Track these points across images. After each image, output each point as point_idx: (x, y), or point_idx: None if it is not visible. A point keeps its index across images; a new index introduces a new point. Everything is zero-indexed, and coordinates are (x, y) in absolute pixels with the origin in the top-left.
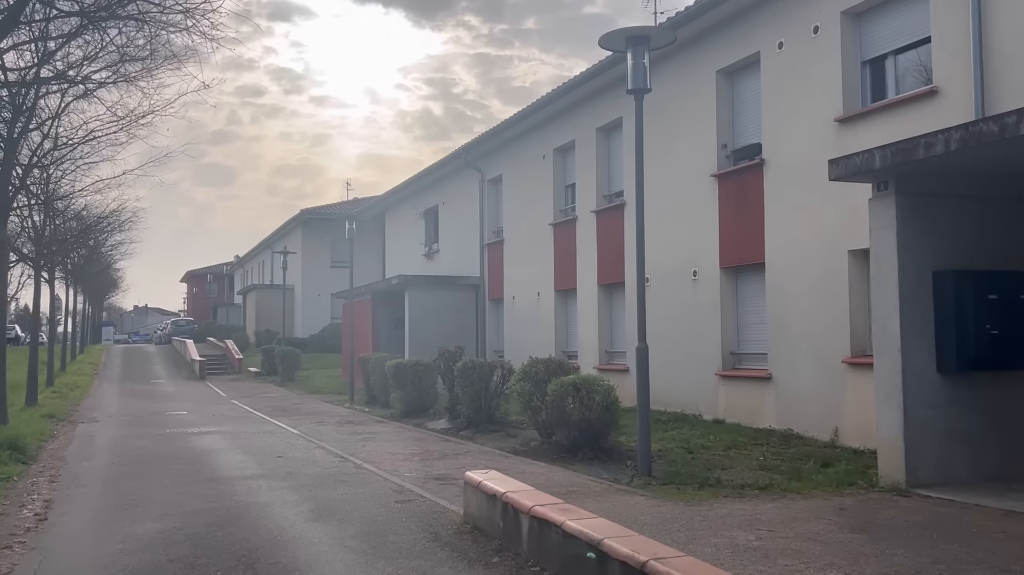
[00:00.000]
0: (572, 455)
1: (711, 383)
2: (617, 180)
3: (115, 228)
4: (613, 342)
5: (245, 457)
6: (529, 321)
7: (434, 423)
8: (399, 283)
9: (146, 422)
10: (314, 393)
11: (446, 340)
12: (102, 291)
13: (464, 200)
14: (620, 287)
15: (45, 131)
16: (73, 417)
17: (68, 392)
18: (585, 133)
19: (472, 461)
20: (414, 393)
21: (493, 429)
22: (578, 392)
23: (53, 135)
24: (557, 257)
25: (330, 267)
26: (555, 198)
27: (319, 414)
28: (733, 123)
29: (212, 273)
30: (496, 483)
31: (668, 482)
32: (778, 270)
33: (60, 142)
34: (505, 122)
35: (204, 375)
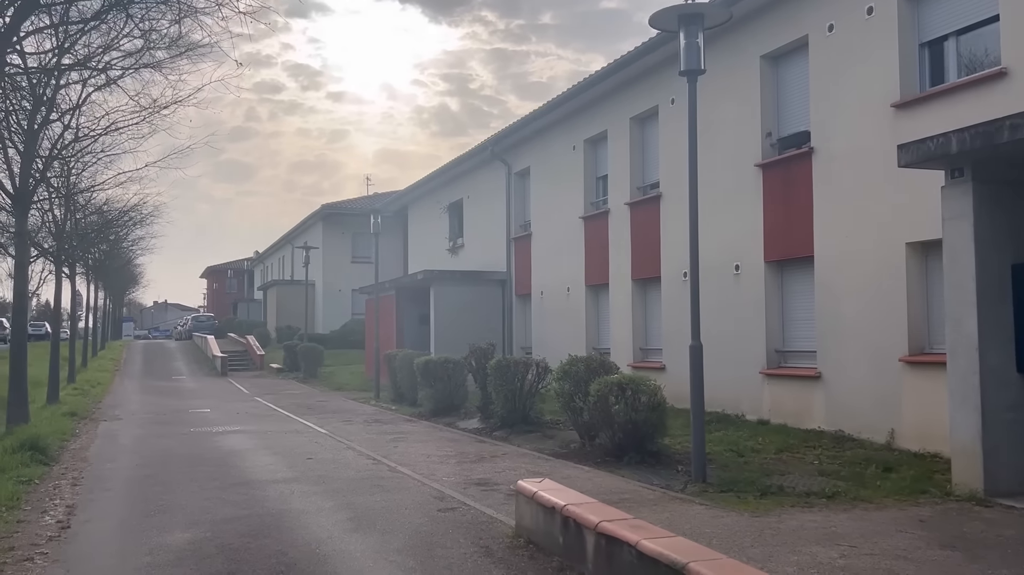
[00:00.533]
0: (617, 459)
1: (755, 382)
2: (652, 171)
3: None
4: (648, 339)
5: (274, 459)
6: (558, 317)
7: (465, 423)
8: (424, 278)
9: (169, 420)
10: (338, 390)
11: (472, 336)
12: (122, 287)
13: (490, 194)
14: (656, 282)
15: (66, 122)
16: (95, 415)
17: (89, 389)
18: (618, 123)
19: (511, 464)
20: (444, 391)
21: (528, 429)
22: (623, 392)
23: (74, 126)
24: (588, 251)
25: (351, 262)
26: (586, 190)
27: (345, 412)
28: (778, 111)
29: (232, 269)
30: (554, 494)
31: (725, 489)
32: (828, 264)
33: (81, 134)
34: (533, 113)
35: (226, 371)
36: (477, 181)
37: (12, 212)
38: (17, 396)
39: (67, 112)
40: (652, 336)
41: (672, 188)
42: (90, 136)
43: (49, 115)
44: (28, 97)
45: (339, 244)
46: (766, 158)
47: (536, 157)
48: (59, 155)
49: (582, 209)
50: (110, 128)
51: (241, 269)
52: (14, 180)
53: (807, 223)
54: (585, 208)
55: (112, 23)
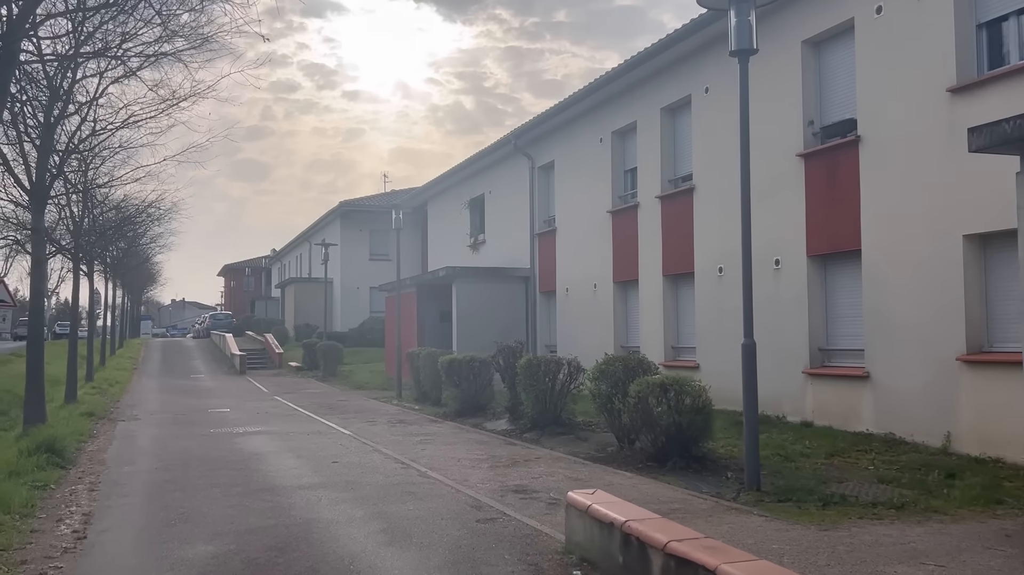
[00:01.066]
0: (660, 464)
1: (797, 382)
2: (684, 163)
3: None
4: (680, 337)
5: (298, 462)
6: (584, 314)
7: (493, 424)
8: (446, 275)
9: (188, 420)
10: (358, 389)
11: (495, 334)
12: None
13: (513, 188)
14: (688, 278)
15: (83, 115)
16: (113, 414)
17: (107, 388)
18: (648, 114)
19: (547, 469)
20: (470, 391)
21: (560, 431)
22: (666, 393)
23: (92, 119)
24: (616, 246)
25: (368, 260)
26: (613, 184)
27: (367, 412)
28: (820, 98)
29: (250, 267)
30: (611, 508)
31: (783, 498)
32: (877, 257)
33: (98, 127)
34: (558, 106)
35: (244, 370)
36: (499, 176)
37: (29, 208)
38: (34, 395)
39: (84, 105)
40: (684, 334)
41: (706, 180)
42: (107, 130)
43: (66, 108)
44: (44, 89)
45: (357, 241)
46: (808, 147)
47: (561, 150)
48: (76, 149)
49: (610, 203)
50: (128, 121)
51: (259, 267)
52: (31, 175)
53: (853, 215)
54: (613, 202)
55: (130, 10)
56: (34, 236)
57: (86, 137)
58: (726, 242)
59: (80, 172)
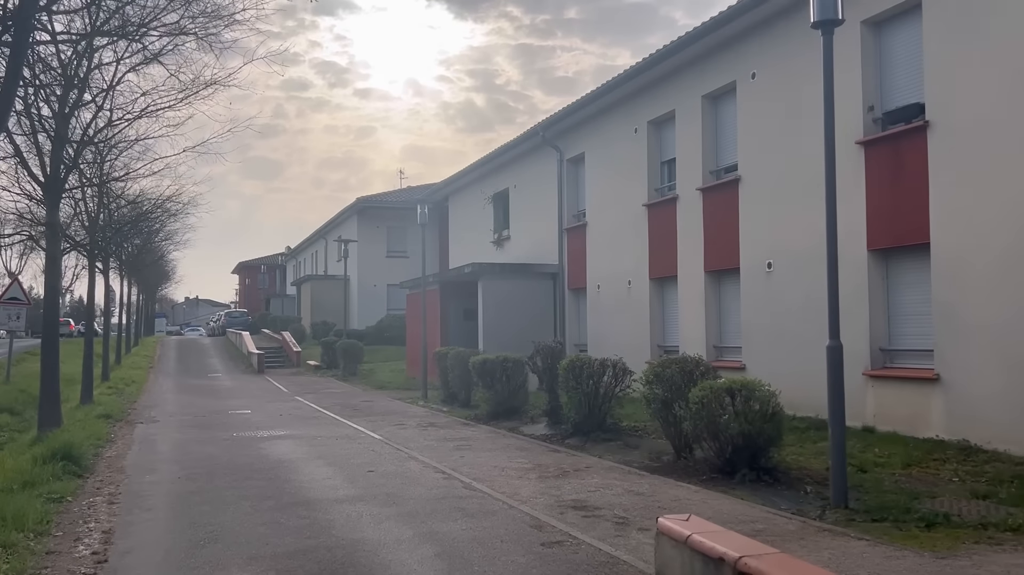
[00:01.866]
0: (727, 476)
1: (856, 384)
2: (728, 153)
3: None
4: (723, 336)
5: (330, 470)
6: (618, 312)
7: (530, 428)
8: (472, 271)
9: (209, 423)
10: (380, 389)
11: (522, 333)
12: (155, 282)
13: (539, 182)
14: (733, 274)
15: (99, 103)
16: (130, 416)
17: (124, 388)
18: (688, 102)
19: (601, 481)
20: (503, 393)
21: (607, 438)
22: (733, 399)
23: (108, 109)
24: (652, 241)
25: (386, 257)
26: (649, 176)
27: (395, 414)
28: (881, 82)
29: (266, 264)
30: (716, 539)
31: (876, 517)
32: (948, 251)
33: (115, 117)
34: (589, 95)
35: (262, 369)
36: (525, 169)
37: (43, 202)
38: (49, 397)
39: (101, 93)
40: (728, 333)
41: (753, 171)
42: (124, 119)
43: (81, 96)
44: (59, 77)
45: (374, 238)
46: (868, 135)
47: (592, 142)
48: (92, 140)
49: (645, 196)
50: (146, 111)
51: (274, 264)
52: (44, 168)
53: (921, 206)
54: (649, 195)
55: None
56: (48, 231)
57: (102, 128)
58: (775, 236)
59: (96, 165)
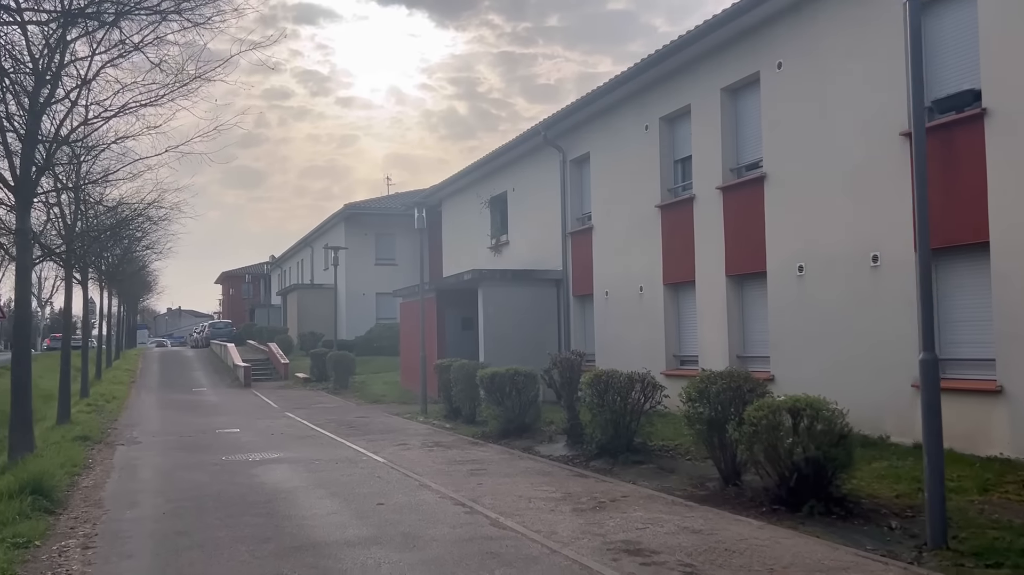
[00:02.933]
0: (791, 508)
1: (904, 397)
2: (751, 149)
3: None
4: (748, 344)
5: (334, 503)
6: (628, 320)
7: (547, 448)
8: (472, 278)
9: (196, 444)
10: (375, 403)
11: (525, 343)
12: (137, 293)
13: (540, 184)
14: (758, 278)
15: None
16: (111, 437)
17: (104, 404)
18: (705, 96)
19: (647, 514)
20: (514, 409)
21: (637, 460)
22: (796, 419)
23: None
24: (666, 245)
25: (374, 265)
26: (662, 175)
27: (395, 432)
28: (928, 67)
29: (250, 273)
30: None
31: (989, 562)
32: (1011, 252)
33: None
34: (595, 91)
35: (249, 382)
36: (524, 171)
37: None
38: (20, 419)
39: (75, 89)
40: (754, 341)
41: (781, 167)
42: (101, 117)
43: (54, 91)
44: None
45: (362, 246)
46: None
47: (598, 141)
48: (66, 140)
49: (658, 197)
50: (126, 107)
51: (259, 274)
52: (14, 169)
53: (978, 202)
54: (662, 195)
55: None
56: (18, 238)
57: (77, 126)
58: (807, 237)
59: (72, 167)
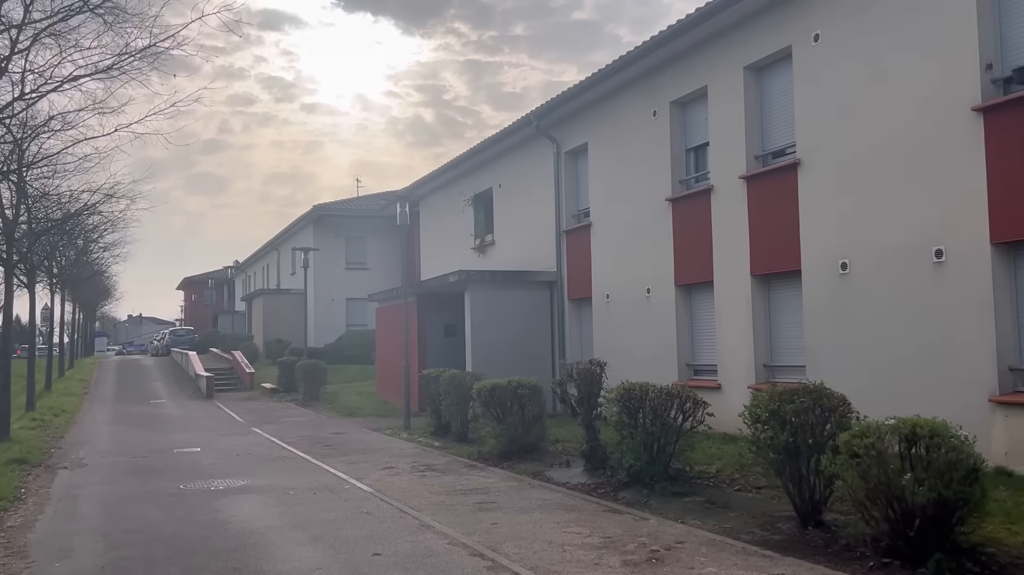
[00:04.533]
0: (911, 562)
1: (980, 412)
2: (780, 133)
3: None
4: (776, 352)
5: (319, 553)
6: (633, 326)
7: (561, 474)
8: (458, 280)
9: (150, 467)
10: (350, 416)
11: (516, 350)
12: (94, 299)
13: (530, 179)
14: (791, 277)
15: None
16: (53, 458)
17: (51, 419)
18: (725, 76)
19: (718, 569)
20: (517, 427)
21: (677, 491)
22: (912, 448)
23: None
24: (678, 242)
25: (344, 269)
26: (673, 165)
27: (378, 451)
28: (1002, 33)
29: (214, 278)
30: None
31: None
32: None
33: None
34: (596, 75)
35: (211, 393)
36: (512, 165)
37: None
38: None
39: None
40: (784, 349)
41: (818, 151)
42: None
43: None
44: None
45: (331, 249)
46: (989, 99)
47: (597, 130)
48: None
49: (668, 189)
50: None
51: (222, 279)
52: None
53: None
54: (672, 188)
55: None
56: None
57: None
58: (852, 230)
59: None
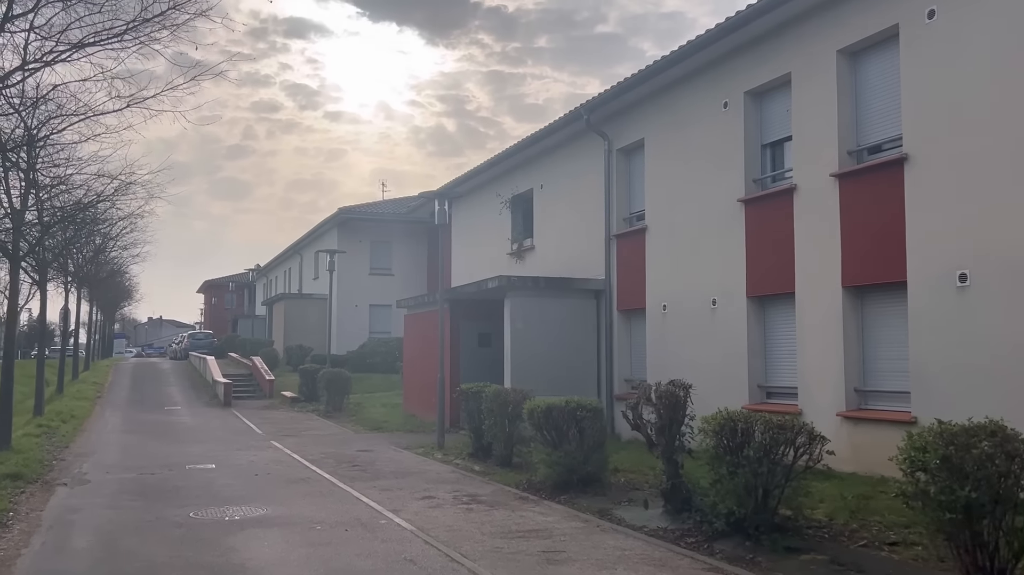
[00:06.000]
0: None
1: None
2: (879, 125)
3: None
4: (868, 375)
5: None
6: (695, 341)
7: (633, 513)
8: (498, 286)
9: (159, 488)
10: (376, 430)
11: (558, 365)
12: (114, 300)
13: (576, 179)
14: (891, 290)
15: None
16: (53, 472)
17: (59, 425)
18: (814, 61)
19: None
20: (576, 454)
21: (789, 545)
22: None
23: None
24: (752, 248)
25: (368, 274)
26: (747, 163)
27: (412, 475)
28: None
29: (235, 282)
30: None
31: None
32: None
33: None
34: (653, 66)
35: (229, 401)
36: (556, 165)
37: None
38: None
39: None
40: (880, 371)
41: (931, 145)
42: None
43: None
44: None
45: (356, 254)
46: None
47: (656, 124)
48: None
49: (741, 189)
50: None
51: (244, 282)
52: None
53: None
54: (746, 188)
55: None
56: None
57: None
58: (974, 235)
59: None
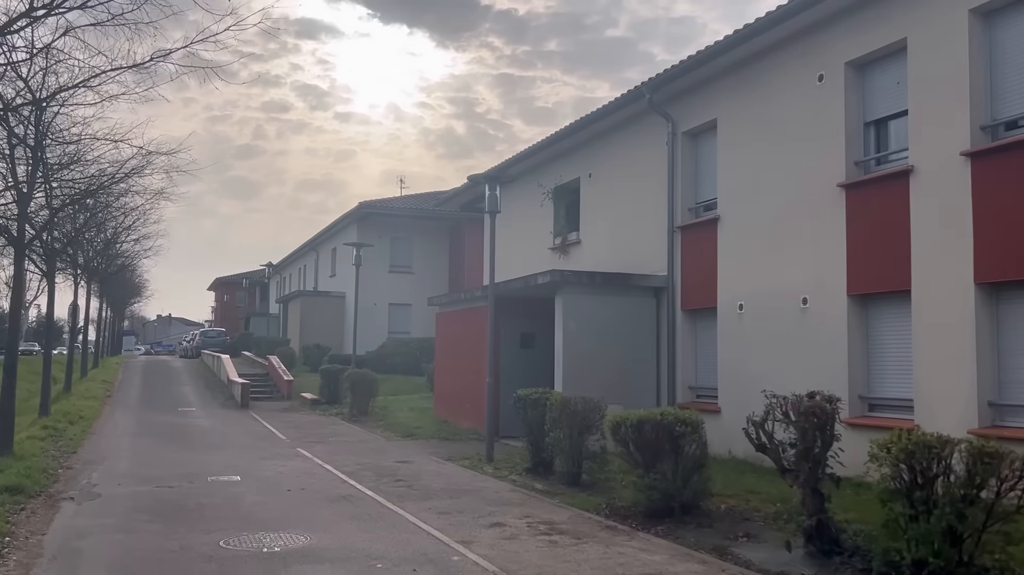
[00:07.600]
0: None
1: None
2: (1019, 98)
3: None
4: (1004, 388)
5: None
6: (779, 345)
7: (756, 553)
8: (548, 282)
9: (179, 506)
10: (408, 437)
11: (614, 368)
12: (124, 296)
13: (630, 166)
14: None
15: None
16: (58, 483)
17: (65, 427)
18: (939, 23)
19: None
20: (673, 478)
21: None
22: None
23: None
24: (854, 239)
25: (388, 272)
26: (848, 143)
27: (467, 494)
28: None
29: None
30: None
31: None
32: None
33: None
34: (733, 37)
35: (247, 402)
36: (607, 151)
37: None
38: None
39: None
40: (1020, 383)
41: None
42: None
43: None
44: None
45: (375, 250)
46: None
47: (730, 103)
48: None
49: (841, 173)
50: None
51: (257, 279)
52: None
53: None
54: (847, 171)
55: None
56: None
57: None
58: None
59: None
